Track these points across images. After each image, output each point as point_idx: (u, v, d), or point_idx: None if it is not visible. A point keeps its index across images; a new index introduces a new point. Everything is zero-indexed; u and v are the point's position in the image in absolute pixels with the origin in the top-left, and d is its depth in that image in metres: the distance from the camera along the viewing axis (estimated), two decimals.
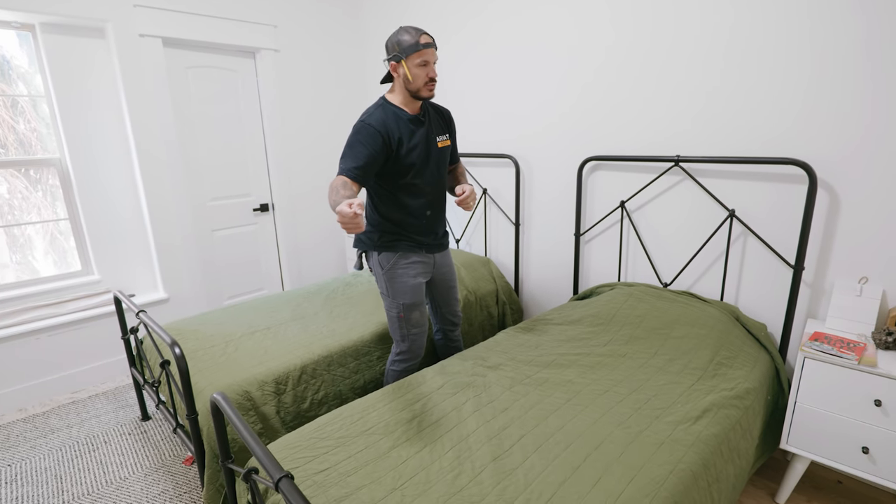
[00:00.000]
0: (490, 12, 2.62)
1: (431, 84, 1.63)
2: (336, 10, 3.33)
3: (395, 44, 1.60)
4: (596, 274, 2.47)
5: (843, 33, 1.58)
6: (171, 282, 2.88)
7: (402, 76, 1.63)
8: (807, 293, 1.81)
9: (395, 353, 1.88)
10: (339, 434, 1.33)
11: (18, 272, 2.56)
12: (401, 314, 1.79)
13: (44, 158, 2.55)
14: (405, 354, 1.86)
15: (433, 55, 1.61)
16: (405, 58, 1.59)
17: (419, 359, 1.89)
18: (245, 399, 1.65)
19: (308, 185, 3.42)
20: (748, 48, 1.78)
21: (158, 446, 2.09)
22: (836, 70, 1.61)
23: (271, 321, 2.17)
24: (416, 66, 1.59)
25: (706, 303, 1.98)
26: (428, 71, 1.61)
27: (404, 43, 1.58)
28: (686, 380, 1.58)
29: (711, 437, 1.31)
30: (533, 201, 2.68)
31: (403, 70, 1.61)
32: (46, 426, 2.26)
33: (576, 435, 1.31)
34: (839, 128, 1.64)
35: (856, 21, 1.55)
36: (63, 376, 2.55)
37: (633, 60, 2.11)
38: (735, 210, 1.92)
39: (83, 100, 2.54)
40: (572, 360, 1.73)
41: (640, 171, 2.19)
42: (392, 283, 1.77)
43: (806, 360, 1.56)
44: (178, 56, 2.75)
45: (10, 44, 2.41)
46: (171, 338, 1.56)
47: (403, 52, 1.58)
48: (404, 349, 1.85)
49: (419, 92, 1.63)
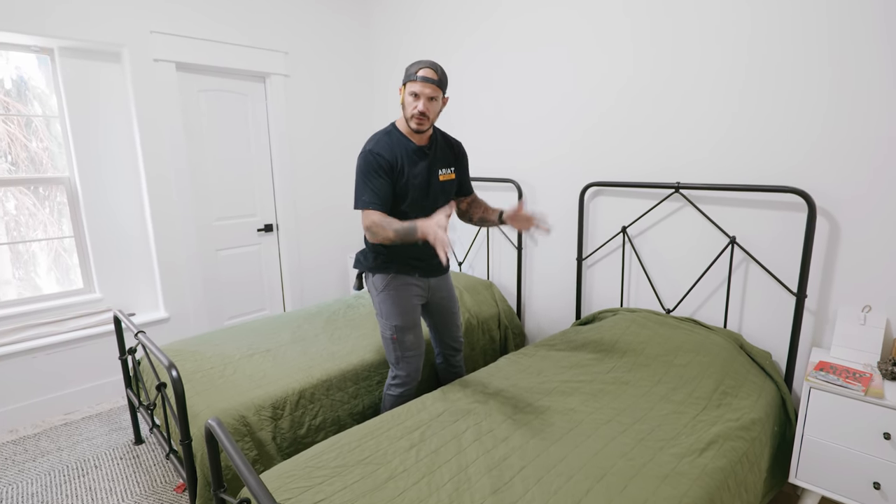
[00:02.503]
0: (498, 42, 2.69)
1: (420, 117, 1.63)
2: (344, 40, 3.41)
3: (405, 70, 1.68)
4: (598, 299, 2.46)
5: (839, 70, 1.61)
6: (173, 301, 2.87)
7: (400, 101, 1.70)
8: (811, 321, 1.79)
9: (391, 378, 1.86)
10: (336, 463, 1.30)
11: (20, 289, 2.57)
12: (394, 336, 1.78)
13: (53, 177, 2.58)
14: (400, 378, 1.83)
15: (426, 89, 1.60)
16: (403, 84, 1.66)
17: (416, 383, 1.86)
18: (241, 424, 1.62)
19: (313, 206, 3.45)
20: (750, 76, 1.82)
21: (150, 472, 2.05)
22: (838, 103, 1.64)
23: (271, 343, 2.15)
24: (409, 95, 1.64)
25: (710, 330, 1.96)
26: (417, 103, 1.61)
27: (408, 70, 1.65)
28: (690, 409, 1.55)
29: (717, 470, 1.28)
30: None
31: (401, 95, 1.68)
32: (37, 449, 2.22)
33: (578, 467, 1.28)
34: (839, 159, 1.65)
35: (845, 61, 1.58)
36: (57, 396, 2.52)
37: (635, 89, 2.15)
38: (736, 237, 1.92)
39: (95, 120, 2.60)
40: (575, 388, 1.70)
41: (642, 196, 2.20)
42: (384, 304, 1.77)
43: (812, 391, 1.53)
44: (190, 80, 2.82)
45: (30, 65, 2.48)
46: (168, 360, 1.55)
47: (405, 78, 1.65)
48: (400, 373, 1.83)
49: (409, 120, 1.66)
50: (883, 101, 1.54)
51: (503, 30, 2.63)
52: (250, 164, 3.14)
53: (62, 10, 2.31)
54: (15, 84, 2.46)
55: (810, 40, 1.66)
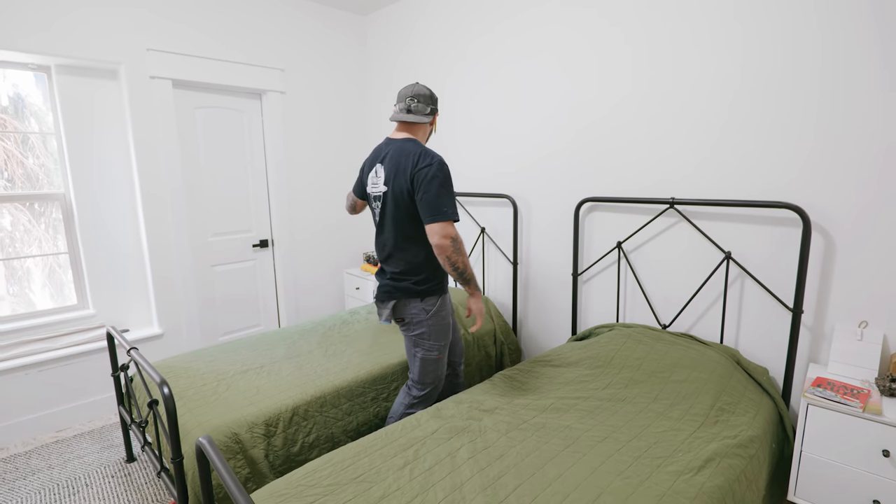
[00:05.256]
0: (492, 58, 2.73)
1: None
2: (340, 57, 3.46)
3: (431, 100, 1.77)
4: (594, 314, 2.45)
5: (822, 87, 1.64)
6: (167, 317, 2.85)
7: (433, 127, 1.85)
8: (807, 337, 1.79)
9: (416, 397, 1.83)
10: (329, 481, 1.28)
11: (14, 304, 2.55)
12: (440, 356, 1.80)
13: (49, 193, 2.59)
14: (431, 394, 1.85)
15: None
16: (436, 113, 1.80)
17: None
18: (233, 442, 1.60)
19: (309, 221, 3.45)
20: (743, 91, 1.85)
21: (141, 490, 2.01)
22: (830, 117, 1.66)
23: (265, 359, 2.13)
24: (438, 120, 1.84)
25: (706, 345, 1.95)
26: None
27: (436, 99, 1.79)
28: (687, 426, 1.53)
29: (715, 488, 1.26)
30: (531, 241, 2.70)
31: (435, 123, 1.84)
32: (27, 467, 2.18)
33: (574, 485, 1.26)
34: (834, 174, 1.67)
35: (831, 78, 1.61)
36: (49, 413, 2.49)
37: (628, 103, 2.17)
38: (731, 252, 1.93)
39: (91, 137, 2.61)
40: (571, 404, 1.68)
41: (637, 212, 2.21)
42: (436, 325, 1.77)
43: (810, 407, 1.52)
44: (186, 97, 2.84)
45: (27, 83, 2.50)
46: (160, 377, 1.53)
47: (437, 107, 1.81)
48: (431, 390, 1.84)
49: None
50: (878, 114, 1.56)
51: (498, 45, 2.67)
52: (246, 180, 3.15)
53: (59, 28, 2.34)
54: (12, 101, 2.48)
55: (803, 55, 1.68)
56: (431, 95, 1.76)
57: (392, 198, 1.69)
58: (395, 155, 1.69)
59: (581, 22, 2.28)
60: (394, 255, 1.75)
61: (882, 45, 1.52)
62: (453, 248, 1.60)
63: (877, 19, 1.52)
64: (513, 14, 2.57)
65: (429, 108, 1.75)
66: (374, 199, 1.78)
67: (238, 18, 2.93)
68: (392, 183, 1.68)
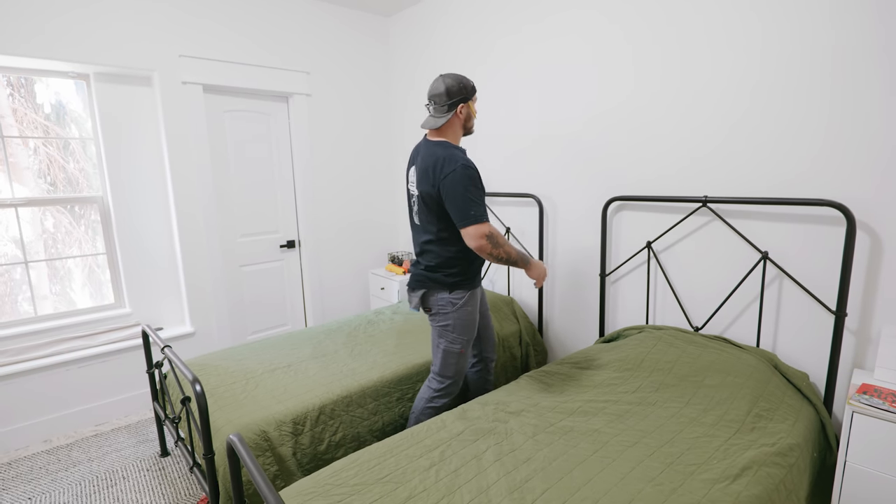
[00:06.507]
0: (521, 55, 2.70)
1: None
2: (364, 58, 3.49)
3: (462, 86, 1.72)
4: (623, 316, 2.40)
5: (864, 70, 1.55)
6: (198, 316, 2.94)
7: (465, 115, 1.77)
8: (851, 341, 1.70)
9: (437, 390, 1.87)
10: (355, 481, 1.29)
11: (56, 303, 2.67)
12: (462, 349, 1.83)
13: (88, 196, 2.70)
14: (451, 388, 1.87)
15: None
16: (469, 99, 1.75)
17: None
18: (262, 439, 1.63)
19: (334, 222, 3.50)
20: (775, 87, 1.77)
21: (175, 484, 2.07)
22: (876, 111, 1.57)
23: (292, 358, 2.17)
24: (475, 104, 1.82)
25: (741, 349, 1.88)
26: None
27: (469, 85, 1.74)
28: (722, 433, 1.48)
29: (752, 498, 1.21)
30: (557, 240, 2.66)
31: (468, 109, 1.76)
32: (69, 459, 2.28)
33: (603, 491, 1.23)
34: (879, 169, 1.58)
35: (879, 58, 1.52)
36: (89, 408, 2.59)
37: (657, 100, 2.12)
38: (769, 252, 1.85)
39: (127, 142, 2.71)
40: (599, 408, 1.65)
41: (667, 211, 2.15)
42: (462, 319, 1.80)
43: (855, 415, 1.45)
44: (216, 101, 2.92)
45: (68, 91, 2.62)
46: (192, 374, 1.57)
47: (471, 93, 1.75)
48: (450, 384, 1.86)
49: (472, 128, 1.83)
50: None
51: (525, 45, 2.64)
52: (273, 182, 3.22)
53: (98, 37, 2.44)
54: (54, 108, 2.59)
55: (850, 32, 1.60)
56: (448, 90, 1.69)
57: (421, 200, 1.76)
58: (424, 159, 1.73)
59: (616, 18, 2.23)
60: (427, 250, 1.81)
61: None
62: (491, 244, 1.63)
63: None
64: (539, 19, 2.53)
65: (446, 104, 1.71)
66: (411, 198, 1.87)
67: (264, 23, 2.99)
68: (420, 187, 1.74)
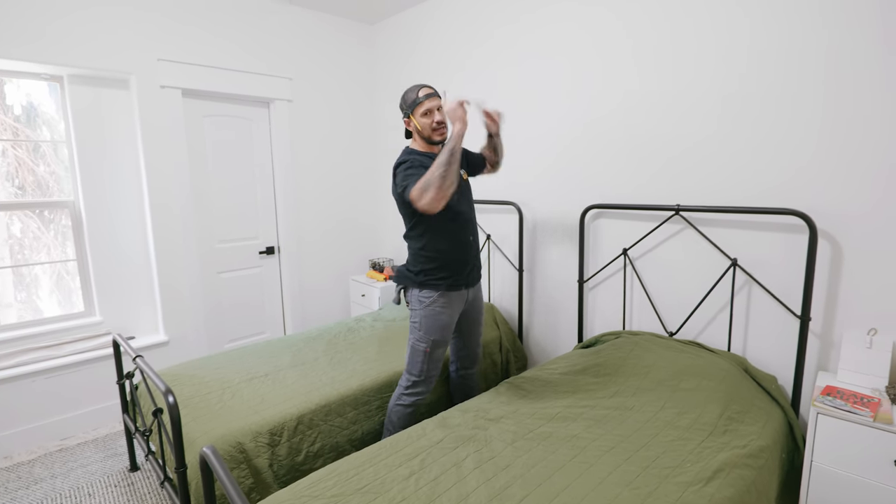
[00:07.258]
0: (497, 62, 2.74)
1: (439, 128, 1.80)
2: (348, 65, 3.49)
3: (403, 102, 1.82)
4: (601, 321, 2.44)
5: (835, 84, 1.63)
6: (173, 324, 2.86)
7: (414, 128, 1.82)
8: (816, 344, 1.77)
9: (405, 387, 1.88)
10: (333, 492, 1.27)
11: (21, 311, 2.56)
12: (427, 349, 1.84)
13: (59, 200, 2.61)
14: (419, 387, 1.88)
15: (435, 102, 1.79)
16: (412, 112, 1.79)
17: (428, 394, 1.92)
18: (237, 451, 1.59)
19: (315, 229, 3.46)
20: (748, 94, 1.84)
21: (144, 500, 2.00)
22: (834, 121, 1.65)
23: (270, 367, 2.13)
24: (422, 117, 1.78)
25: (714, 353, 1.93)
26: (432, 119, 1.79)
27: (408, 99, 1.79)
28: (696, 436, 1.51)
29: (725, 500, 1.24)
30: (537, 247, 2.69)
31: (413, 123, 1.81)
32: (31, 476, 2.18)
33: (581, 496, 1.24)
34: (838, 179, 1.66)
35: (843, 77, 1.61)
36: (54, 421, 2.49)
37: (635, 110, 2.17)
38: (738, 259, 1.91)
39: (102, 145, 2.64)
40: (578, 413, 1.67)
41: (643, 219, 2.21)
42: (427, 318, 1.83)
43: (819, 416, 1.50)
44: (195, 105, 2.87)
45: (40, 92, 2.54)
46: (165, 385, 1.53)
47: (409, 108, 1.79)
48: (419, 381, 1.87)
49: (430, 138, 1.82)
50: (886, 116, 1.54)
51: (503, 50, 2.68)
52: (253, 188, 3.17)
53: (73, 39, 2.38)
54: (25, 110, 2.51)
55: (807, 55, 1.68)
56: (399, 104, 1.85)
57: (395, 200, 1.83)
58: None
59: (589, 24, 2.29)
60: (407, 247, 1.91)
61: (887, 44, 1.52)
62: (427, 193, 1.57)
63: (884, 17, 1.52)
64: (511, 21, 2.58)
65: (402, 115, 1.85)
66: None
67: (247, 29, 2.97)
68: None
